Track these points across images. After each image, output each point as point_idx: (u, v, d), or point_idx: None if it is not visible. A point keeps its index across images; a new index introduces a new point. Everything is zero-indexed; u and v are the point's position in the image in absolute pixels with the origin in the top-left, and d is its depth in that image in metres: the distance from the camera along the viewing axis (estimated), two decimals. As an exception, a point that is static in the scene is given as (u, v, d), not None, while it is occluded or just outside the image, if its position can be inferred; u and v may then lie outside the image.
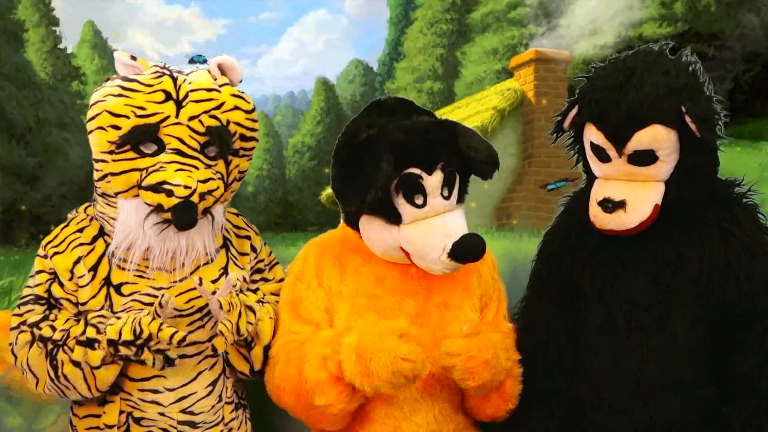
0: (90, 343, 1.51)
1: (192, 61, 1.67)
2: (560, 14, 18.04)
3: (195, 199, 1.50)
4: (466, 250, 1.53)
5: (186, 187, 1.49)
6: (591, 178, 1.62)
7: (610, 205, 1.49)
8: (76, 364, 1.51)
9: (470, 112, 10.63)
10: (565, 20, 17.60)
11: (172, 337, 1.48)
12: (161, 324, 1.49)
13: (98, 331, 1.52)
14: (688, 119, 1.43)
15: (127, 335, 1.48)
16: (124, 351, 1.49)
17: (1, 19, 20.11)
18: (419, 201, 1.57)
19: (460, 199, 1.67)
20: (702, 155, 1.50)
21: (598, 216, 1.52)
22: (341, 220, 1.78)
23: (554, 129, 1.65)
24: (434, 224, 1.57)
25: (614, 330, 1.55)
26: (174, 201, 1.48)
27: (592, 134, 1.53)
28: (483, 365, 1.53)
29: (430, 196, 1.58)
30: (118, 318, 1.52)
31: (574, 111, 1.58)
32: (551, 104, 9.69)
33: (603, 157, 1.53)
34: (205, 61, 1.66)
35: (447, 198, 1.60)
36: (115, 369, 1.54)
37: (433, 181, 1.57)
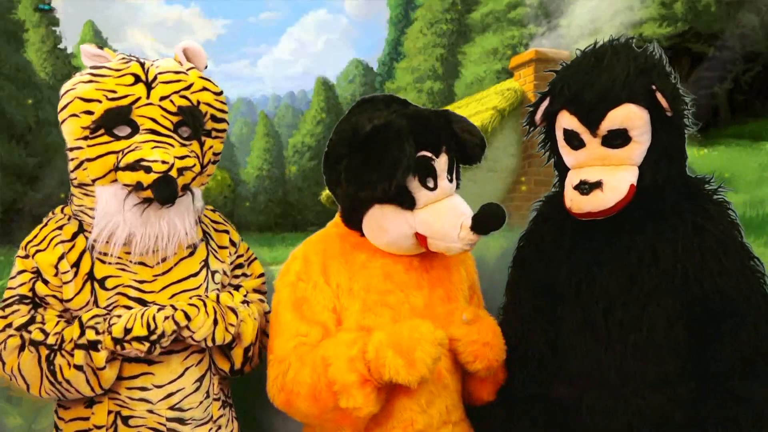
0: (93, 345, 1.50)
1: (38, 9, 1.68)
2: (560, 14, 18.06)
3: (174, 173, 1.51)
4: (489, 219, 1.56)
5: (164, 162, 1.50)
6: (563, 176, 1.64)
7: (586, 187, 1.50)
8: (78, 367, 1.51)
9: (470, 112, 10.63)
10: (565, 20, 17.61)
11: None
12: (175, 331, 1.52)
13: (97, 332, 1.51)
14: (659, 96, 1.46)
15: (139, 331, 1.48)
16: (133, 347, 1.49)
17: (1, 19, 20.12)
18: (431, 184, 1.60)
19: (457, 186, 1.70)
20: (673, 138, 1.53)
21: (574, 200, 1.52)
22: (335, 219, 1.77)
23: (527, 121, 1.67)
24: (445, 205, 1.61)
25: (593, 329, 1.55)
26: (153, 177, 1.49)
27: (566, 120, 1.55)
28: (484, 347, 1.62)
29: (439, 179, 1.61)
30: (119, 316, 1.52)
31: (546, 102, 1.60)
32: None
33: (575, 143, 1.55)
34: (50, 7, 1.66)
35: (451, 181, 1.64)
36: (116, 366, 1.54)
37: (441, 164, 1.61)
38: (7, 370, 1.54)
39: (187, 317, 1.54)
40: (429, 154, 1.59)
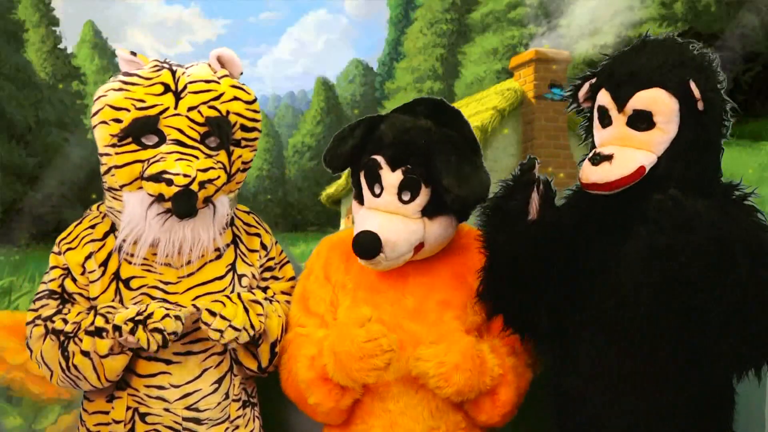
0: (98, 332, 1.53)
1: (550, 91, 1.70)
2: (560, 14, 18.09)
3: (195, 187, 1.52)
4: (356, 245, 1.56)
5: (185, 175, 1.51)
6: None
7: (598, 158, 1.51)
8: (85, 353, 1.53)
9: (470, 112, 10.64)
10: (565, 20, 17.64)
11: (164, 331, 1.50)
12: (167, 315, 1.50)
13: (106, 321, 1.53)
14: (693, 86, 1.46)
15: (130, 313, 1.49)
16: (124, 329, 1.49)
17: (1, 19, 20.14)
18: (377, 191, 1.61)
19: (431, 214, 1.61)
20: (699, 138, 1.51)
21: (584, 169, 1.53)
22: None
23: (569, 95, 1.68)
24: (373, 218, 1.59)
25: (601, 321, 1.54)
26: (174, 190, 1.50)
27: (601, 96, 1.57)
28: (454, 369, 1.52)
29: (386, 192, 1.60)
30: (127, 308, 1.53)
31: (593, 80, 1.61)
32: (551, 104, 9.71)
33: (605, 121, 1.56)
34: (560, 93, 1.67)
35: (406, 203, 1.60)
36: (122, 359, 1.56)
37: (391, 179, 1.59)
38: (34, 358, 1.62)
39: (212, 313, 1.54)
40: (380, 161, 1.59)
